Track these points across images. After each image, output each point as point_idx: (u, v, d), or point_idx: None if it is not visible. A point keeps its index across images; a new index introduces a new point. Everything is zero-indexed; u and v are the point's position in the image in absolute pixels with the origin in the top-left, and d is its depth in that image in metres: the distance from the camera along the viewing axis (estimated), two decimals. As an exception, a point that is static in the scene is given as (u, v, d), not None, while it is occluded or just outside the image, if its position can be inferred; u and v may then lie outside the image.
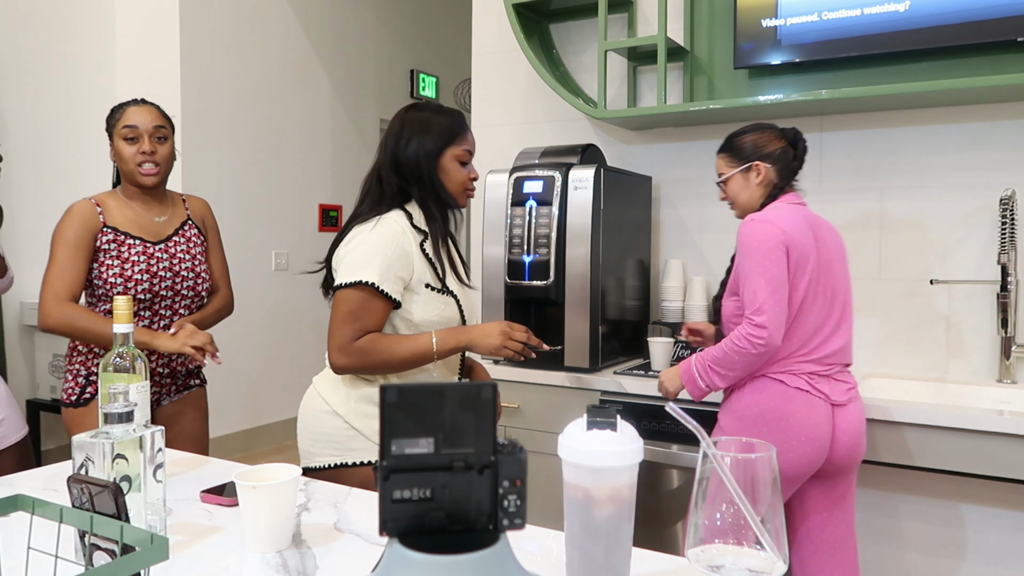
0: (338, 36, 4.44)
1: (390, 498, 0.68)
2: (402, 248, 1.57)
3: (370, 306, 1.55)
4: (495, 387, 0.70)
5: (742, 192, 1.87)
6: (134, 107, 2.01)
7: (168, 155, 2.04)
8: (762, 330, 1.66)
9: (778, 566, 0.73)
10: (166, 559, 0.71)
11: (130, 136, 1.97)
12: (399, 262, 1.56)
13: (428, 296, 1.60)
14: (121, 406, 0.98)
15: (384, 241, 1.57)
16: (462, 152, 1.65)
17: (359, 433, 1.59)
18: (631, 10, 2.69)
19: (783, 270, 1.70)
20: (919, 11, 2.16)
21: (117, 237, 1.97)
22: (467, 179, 1.68)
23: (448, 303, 1.64)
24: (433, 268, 1.62)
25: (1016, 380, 2.18)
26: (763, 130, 1.88)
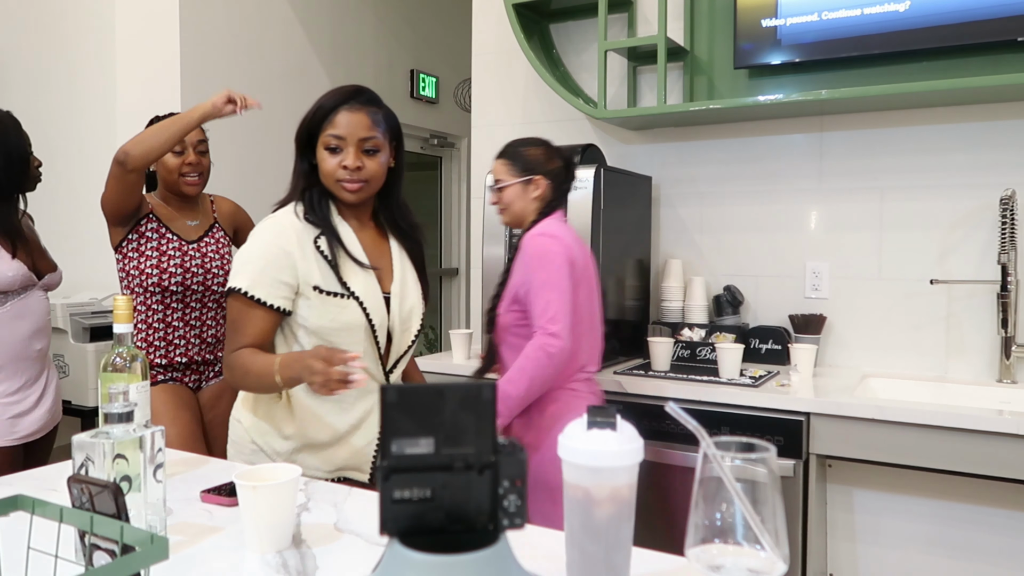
0: (338, 36, 4.44)
1: (390, 498, 0.68)
2: (281, 248, 1.43)
3: (246, 315, 1.42)
4: (495, 387, 0.70)
5: (517, 202, 1.88)
6: None
7: (208, 166, 2.21)
8: (557, 339, 1.72)
9: (778, 566, 0.73)
10: (166, 559, 0.71)
11: (176, 149, 2.11)
12: (276, 264, 1.42)
13: (319, 300, 1.44)
14: (121, 406, 0.98)
15: (261, 242, 1.45)
16: (327, 138, 1.46)
17: (260, 449, 1.50)
18: (631, 10, 2.69)
19: (569, 283, 1.76)
20: (919, 11, 2.16)
21: (160, 228, 2.12)
22: (335, 168, 1.46)
23: (346, 307, 1.45)
24: (331, 267, 1.46)
25: (1016, 380, 2.18)
26: (544, 146, 1.90)
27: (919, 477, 1.99)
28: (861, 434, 1.89)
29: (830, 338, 2.44)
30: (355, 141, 1.45)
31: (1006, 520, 1.95)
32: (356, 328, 1.47)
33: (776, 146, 2.52)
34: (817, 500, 2.02)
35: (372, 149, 1.47)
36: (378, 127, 1.48)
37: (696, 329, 2.42)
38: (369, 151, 1.47)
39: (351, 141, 1.45)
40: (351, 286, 1.46)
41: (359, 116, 1.46)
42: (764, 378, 2.14)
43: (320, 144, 1.48)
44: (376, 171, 1.48)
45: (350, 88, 1.50)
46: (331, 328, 1.45)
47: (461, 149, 5.41)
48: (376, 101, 1.51)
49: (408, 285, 1.57)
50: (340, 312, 1.45)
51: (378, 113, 1.49)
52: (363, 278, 1.48)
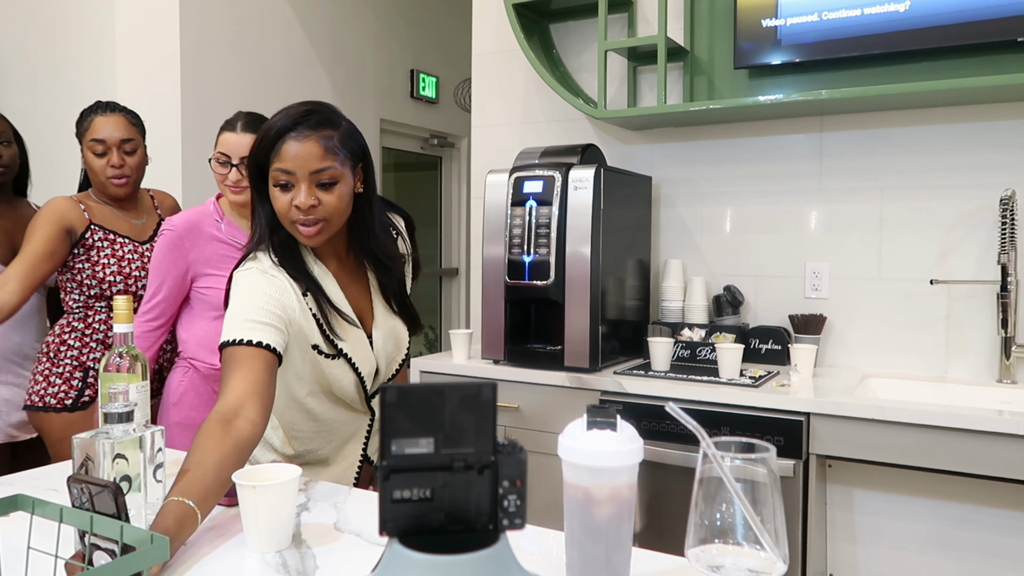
0: (338, 36, 4.44)
1: (390, 498, 0.68)
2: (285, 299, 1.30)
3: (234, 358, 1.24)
4: (495, 387, 0.70)
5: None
6: (101, 118, 2.02)
7: (138, 164, 2.05)
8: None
9: (778, 566, 0.73)
10: (166, 559, 0.71)
11: (98, 151, 2.00)
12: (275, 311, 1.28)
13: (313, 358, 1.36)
14: (121, 406, 0.98)
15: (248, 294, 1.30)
16: (275, 173, 1.27)
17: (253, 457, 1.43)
18: (631, 10, 2.69)
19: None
20: (919, 11, 2.16)
21: (107, 236, 2.01)
22: (288, 207, 1.26)
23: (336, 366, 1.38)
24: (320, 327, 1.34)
25: (1016, 380, 2.18)
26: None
27: (919, 477, 1.99)
28: (861, 434, 1.89)
29: (830, 338, 2.44)
30: (306, 175, 1.25)
31: (1006, 520, 1.95)
32: (347, 383, 1.39)
33: (776, 146, 2.52)
34: (817, 500, 2.02)
35: (328, 182, 1.26)
36: (334, 154, 1.26)
37: (696, 329, 2.42)
38: (325, 184, 1.26)
39: (302, 175, 1.25)
40: (341, 345, 1.35)
41: (308, 145, 1.25)
42: (764, 378, 2.14)
43: (270, 179, 1.28)
44: (335, 206, 1.28)
45: (298, 109, 1.28)
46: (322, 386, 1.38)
47: (461, 149, 5.41)
48: (330, 122, 1.29)
49: (390, 322, 1.45)
50: (331, 370, 1.36)
51: (332, 137, 1.27)
52: (351, 333, 1.37)
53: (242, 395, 1.15)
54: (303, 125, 1.26)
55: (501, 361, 2.37)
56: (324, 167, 1.26)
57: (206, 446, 1.06)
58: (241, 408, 1.13)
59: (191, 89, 3.52)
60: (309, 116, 1.27)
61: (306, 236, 1.29)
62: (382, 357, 1.45)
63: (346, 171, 1.29)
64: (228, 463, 1.06)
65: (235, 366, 1.19)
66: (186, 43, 3.51)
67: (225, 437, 1.08)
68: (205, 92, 3.61)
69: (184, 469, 1.03)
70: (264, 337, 1.22)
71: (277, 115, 1.29)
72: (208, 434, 1.08)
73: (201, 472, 1.02)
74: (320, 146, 1.26)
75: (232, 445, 1.08)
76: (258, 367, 1.19)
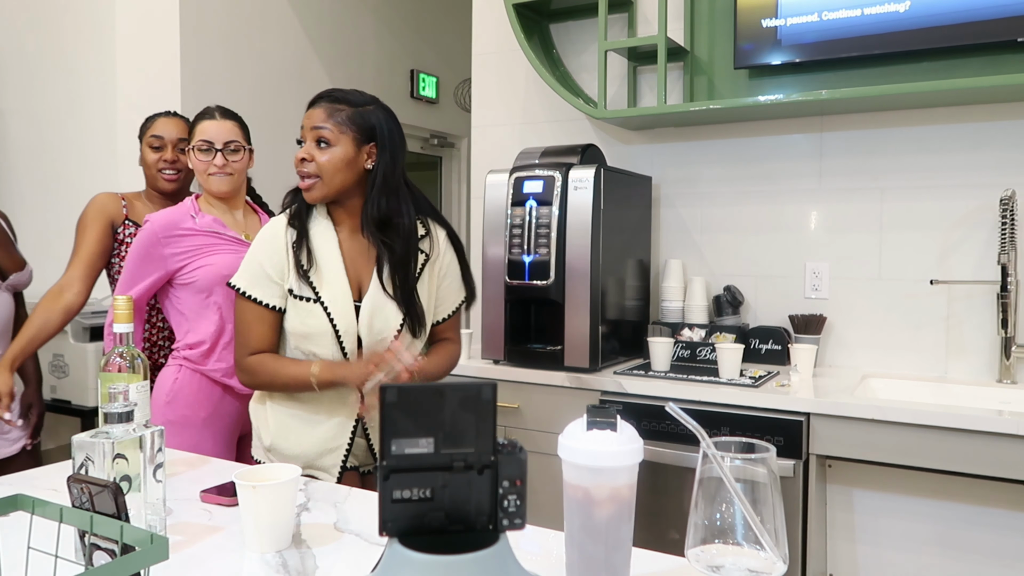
0: (338, 36, 4.44)
1: (390, 498, 0.68)
2: (273, 249, 1.49)
3: (248, 316, 1.49)
4: (495, 387, 0.70)
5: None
6: (163, 119, 2.16)
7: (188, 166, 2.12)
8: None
9: (778, 566, 0.73)
10: (166, 559, 0.71)
11: (155, 145, 2.11)
12: (268, 264, 1.49)
13: (292, 304, 1.49)
14: (121, 406, 0.97)
15: (258, 243, 1.52)
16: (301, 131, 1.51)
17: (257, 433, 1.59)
18: (631, 10, 2.69)
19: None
20: (919, 11, 2.16)
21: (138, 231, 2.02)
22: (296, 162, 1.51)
23: (312, 312, 1.48)
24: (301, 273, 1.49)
25: (1016, 380, 2.18)
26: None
27: (919, 477, 1.99)
28: (861, 434, 1.89)
29: (830, 338, 2.44)
30: (309, 132, 1.47)
31: (1006, 520, 1.95)
32: (322, 334, 1.48)
33: (776, 146, 2.52)
34: (817, 500, 2.02)
35: (321, 140, 1.46)
36: (334, 120, 1.46)
37: (696, 329, 2.42)
38: (320, 142, 1.46)
39: (307, 133, 1.48)
40: (320, 292, 1.48)
41: (317, 110, 1.48)
42: (764, 378, 2.14)
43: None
44: (325, 165, 1.46)
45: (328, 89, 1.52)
46: (300, 332, 1.49)
47: (461, 149, 5.41)
48: (347, 100, 1.49)
49: (381, 299, 1.51)
50: (307, 316, 1.48)
51: (342, 110, 1.47)
52: (334, 286, 1.48)
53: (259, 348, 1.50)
54: (324, 99, 1.49)
55: (501, 361, 2.37)
56: (321, 126, 1.46)
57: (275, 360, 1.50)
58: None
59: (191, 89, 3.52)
60: (333, 92, 1.50)
61: (302, 189, 1.49)
62: (365, 327, 1.50)
63: (344, 138, 1.46)
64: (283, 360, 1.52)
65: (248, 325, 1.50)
66: (186, 43, 3.51)
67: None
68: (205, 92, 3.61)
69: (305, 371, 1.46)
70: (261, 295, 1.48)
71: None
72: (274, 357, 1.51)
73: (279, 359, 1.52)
74: (325, 112, 1.47)
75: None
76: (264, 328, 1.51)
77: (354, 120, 1.47)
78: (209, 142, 1.88)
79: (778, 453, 0.79)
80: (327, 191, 1.48)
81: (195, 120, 1.94)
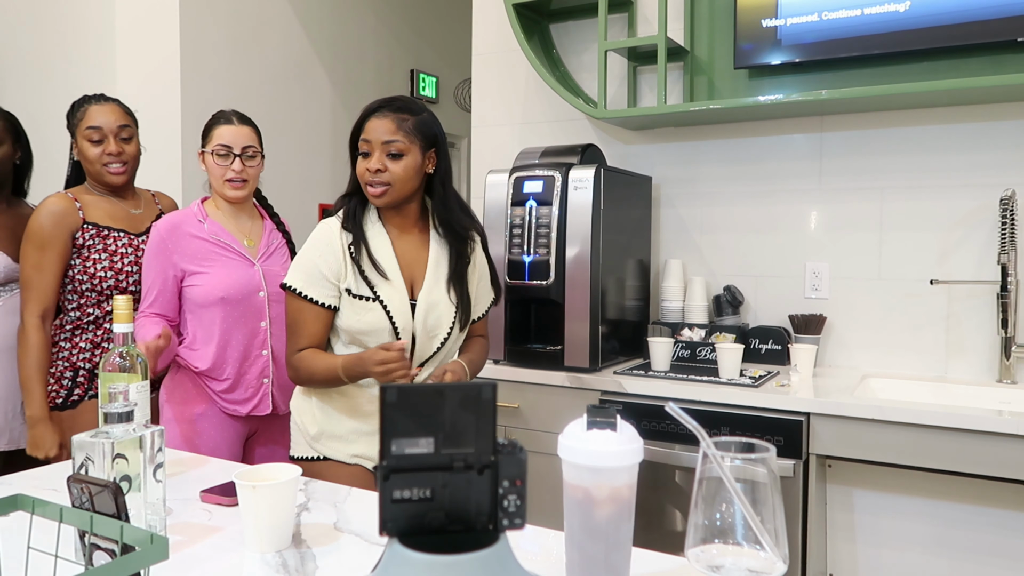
0: (338, 36, 4.44)
1: (390, 498, 0.68)
2: (329, 248, 1.56)
3: (301, 315, 1.56)
4: (495, 387, 0.70)
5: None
6: (96, 106, 2.00)
7: (135, 153, 2.05)
8: None
9: (778, 566, 0.73)
10: (166, 559, 0.71)
11: (95, 138, 1.98)
12: (324, 264, 1.55)
13: (348, 302, 1.56)
14: (121, 406, 0.98)
15: (312, 243, 1.58)
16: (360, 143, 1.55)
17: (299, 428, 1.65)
18: (631, 10, 2.69)
19: None
20: (919, 11, 2.16)
21: (100, 232, 1.99)
22: (363, 171, 1.55)
23: (371, 309, 1.55)
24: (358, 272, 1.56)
25: (1016, 380, 2.18)
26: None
27: (919, 477, 1.99)
28: (861, 434, 1.89)
29: (830, 338, 2.44)
30: (379, 144, 1.52)
31: (1006, 520, 1.95)
32: (380, 330, 1.55)
33: (776, 146, 2.52)
34: (817, 500, 2.02)
35: (396, 153, 1.52)
36: (404, 131, 1.53)
37: (696, 329, 2.42)
38: (393, 155, 1.52)
39: (376, 145, 1.53)
40: (378, 291, 1.55)
41: (385, 121, 1.53)
42: (764, 378, 2.14)
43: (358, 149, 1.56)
44: (399, 174, 1.53)
45: (387, 97, 1.57)
46: (357, 329, 1.55)
47: (461, 149, 5.41)
48: (408, 108, 1.55)
49: (438, 293, 1.60)
50: (365, 314, 1.54)
51: (407, 120, 1.54)
52: (391, 284, 1.56)
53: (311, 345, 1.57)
54: (386, 108, 1.54)
55: (501, 361, 2.37)
56: (392, 139, 1.52)
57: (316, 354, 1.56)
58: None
59: (191, 89, 3.52)
60: (393, 102, 1.56)
61: (372, 195, 1.55)
62: (420, 324, 1.58)
63: (414, 148, 1.54)
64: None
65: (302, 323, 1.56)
66: (186, 43, 3.51)
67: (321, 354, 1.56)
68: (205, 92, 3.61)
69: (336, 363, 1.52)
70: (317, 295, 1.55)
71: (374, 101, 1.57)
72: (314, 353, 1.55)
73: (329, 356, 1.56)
74: (393, 123, 1.53)
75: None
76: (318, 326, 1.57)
77: (419, 129, 1.55)
78: (227, 147, 1.87)
79: (778, 453, 0.79)
80: (396, 197, 1.55)
81: (211, 124, 1.93)
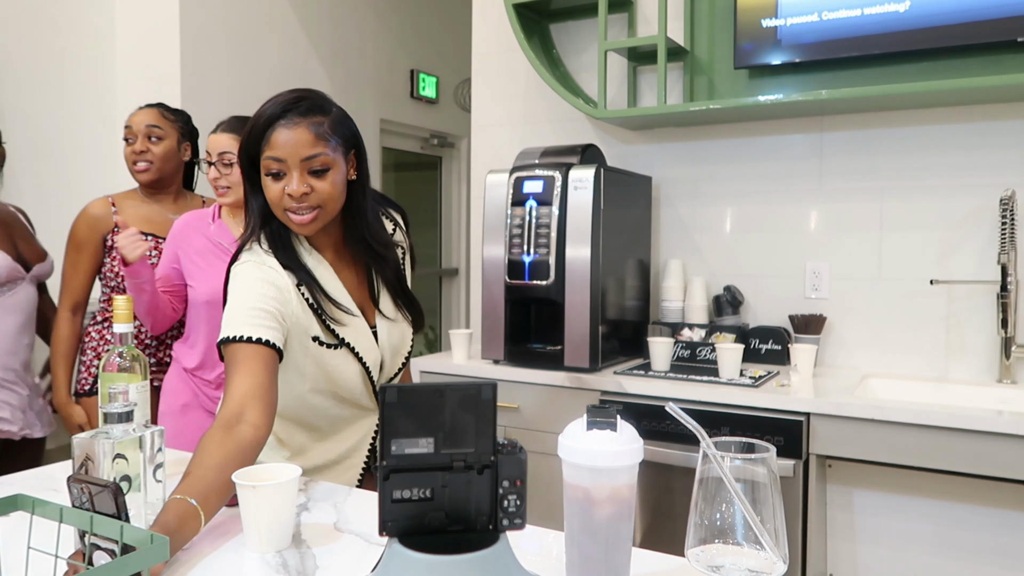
0: (338, 36, 4.44)
1: (390, 498, 0.68)
2: (282, 292, 1.29)
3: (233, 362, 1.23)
4: (495, 387, 0.70)
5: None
6: (138, 110, 2.14)
7: (163, 153, 2.12)
8: None
9: (778, 566, 0.73)
10: (166, 559, 0.71)
11: (127, 137, 2.11)
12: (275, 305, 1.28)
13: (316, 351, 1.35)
14: (121, 406, 0.98)
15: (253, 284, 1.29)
16: (267, 161, 1.25)
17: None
18: (631, 10, 2.69)
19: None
20: (919, 11, 2.16)
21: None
22: (280, 196, 1.25)
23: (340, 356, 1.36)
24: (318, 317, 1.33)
25: (1016, 380, 2.18)
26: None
27: (919, 477, 1.99)
28: (861, 434, 1.89)
29: (830, 338, 2.44)
30: (298, 162, 1.24)
31: (1006, 520, 1.95)
32: (352, 376, 1.37)
33: (776, 146, 2.52)
34: (817, 500, 2.02)
35: (320, 169, 1.25)
36: (325, 140, 1.25)
37: (696, 329, 2.42)
38: (317, 171, 1.25)
39: (293, 163, 1.24)
40: (341, 334, 1.33)
41: (299, 131, 1.23)
42: (764, 378, 2.14)
43: (262, 169, 1.26)
44: (329, 193, 1.26)
45: (287, 96, 1.26)
46: (326, 382, 1.36)
47: (461, 149, 5.41)
48: (320, 108, 1.27)
49: (391, 311, 1.43)
50: (334, 361, 1.34)
51: (322, 124, 1.25)
52: (353, 322, 1.35)
53: (243, 398, 1.14)
54: (293, 112, 1.24)
55: (501, 361, 2.37)
56: (315, 153, 1.24)
57: (208, 449, 1.06)
58: (243, 412, 1.13)
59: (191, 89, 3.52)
60: (299, 103, 1.25)
61: (299, 224, 1.27)
62: (387, 348, 1.41)
63: (338, 157, 1.28)
64: (230, 465, 1.05)
65: (236, 367, 1.18)
66: (186, 43, 3.51)
67: (227, 440, 1.08)
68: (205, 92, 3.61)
69: (187, 472, 1.03)
70: (263, 333, 1.20)
71: (266, 104, 1.26)
72: (210, 438, 1.08)
73: (202, 472, 1.02)
74: (311, 132, 1.24)
75: (235, 448, 1.08)
76: (258, 368, 1.18)
77: (338, 132, 1.28)
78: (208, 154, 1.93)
79: (778, 453, 0.79)
80: (328, 220, 1.30)
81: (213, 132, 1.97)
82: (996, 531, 1.96)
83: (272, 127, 1.24)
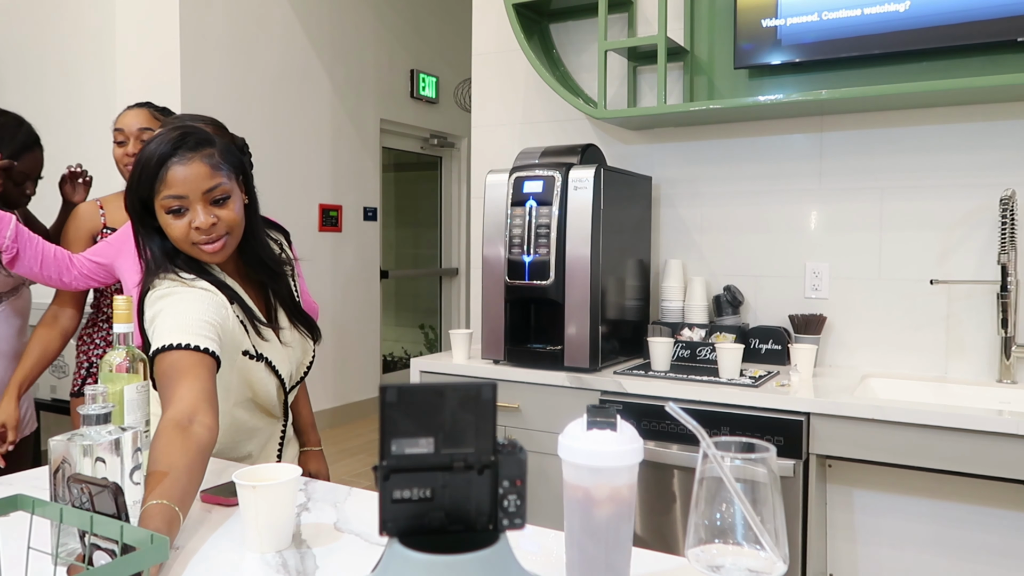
0: (338, 36, 4.44)
1: (390, 498, 0.68)
2: (221, 309, 1.34)
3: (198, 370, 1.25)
4: (495, 387, 0.70)
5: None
6: (127, 111, 2.09)
7: None
8: None
9: (778, 566, 0.73)
10: (166, 559, 0.71)
11: (118, 140, 2.06)
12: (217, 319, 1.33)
13: (243, 364, 1.40)
14: (99, 407, 0.96)
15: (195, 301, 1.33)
16: (166, 200, 1.29)
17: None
18: (631, 10, 2.69)
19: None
20: (919, 11, 2.16)
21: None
22: (187, 231, 1.30)
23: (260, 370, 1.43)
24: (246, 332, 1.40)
25: (1016, 380, 2.18)
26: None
27: (919, 477, 1.99)
28: (861, 434, 1.89)
29: (830, 338, 2.44)
30: (199, 196, 1.29)
31: (1006, 520, 1.95)
32: (270, 388, 1.43)
33: (776, 146, 2.52)
34: (817, 500, 2.02)
35: (221, 197, 1.31)
36: (219, 170, 1.31)
37: (696, 329, 2.42)
38: (218, 200, 1.31)
39: (195, 197, 1.29)
40: (261, 349, 1.40)
41: (194, 166, 1.28)
42: (764, 378, 2.14)
43: (159, 209, 1.30)
44: (234, 219, 1.33)
45: (171, 135, 1.30)
46: (248, 394, 1.42)
47: (461, 149, 5.41)
48: (207, 140, 1.32)
49: (291, 324, 1.50)
50: (257, 375, 1.40)
51: (213, 155, 1.31)
52: (267, 337, 1.42)
53: (195, 402, 1.14)
54: (183, 148, 1.28)
55: (501, 361, 2.37)
56: (214, 184, 1.30)
57: (171, 451, 1.05)
58: (195, 414, 1.13)
59: (191, 89, 3.52)
60: (186, 139, 1.29)
61: (211, 253, 1.32)
62: (293, 361, 1.49)
63: (233, 184, 1.34)
64: (196, 467, 1.06)
65: (183, 372, 1.18)
66: (186, 43, 3.51)
67: (188, 442, 1.07)
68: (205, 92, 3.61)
69: (154, 471, 1.01)
70: (208, 344, 1.22)
71: (150, 144, 1.29)
72: (169, 440, 1.06)
73: (176, 475, 1.02)
74: (206, 164, 1.29)
75: (195, 450, 1.08)
76: (204, 374, 1.19)
77: (228, 160, 1.34)
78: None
79: (778, 453, 0.79)
80: (234, 246, 1.37)
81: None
82: (996, 531, 1.96)
83: (164, 166, 1.28)
